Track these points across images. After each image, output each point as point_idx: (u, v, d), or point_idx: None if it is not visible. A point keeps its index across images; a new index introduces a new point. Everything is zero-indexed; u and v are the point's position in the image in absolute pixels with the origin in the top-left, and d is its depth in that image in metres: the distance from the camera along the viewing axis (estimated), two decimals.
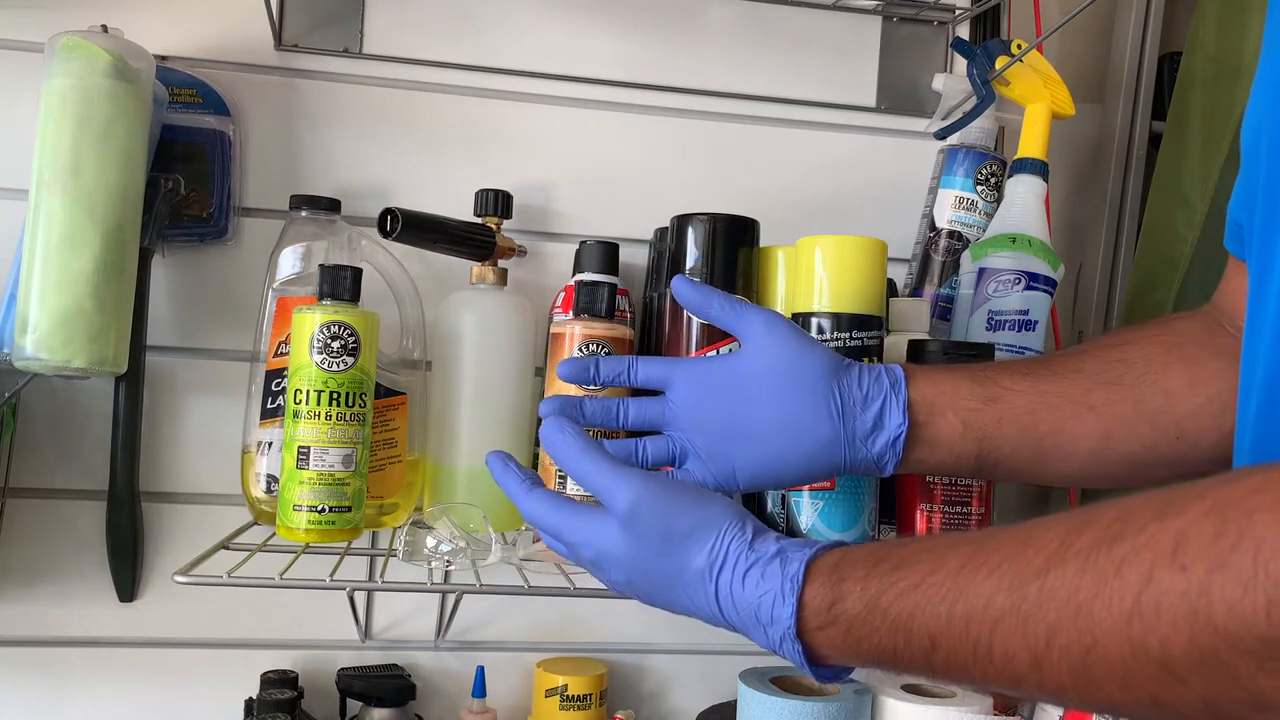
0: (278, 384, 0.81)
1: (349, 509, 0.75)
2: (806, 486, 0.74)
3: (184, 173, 0.88)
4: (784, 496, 0.76)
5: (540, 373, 0.91)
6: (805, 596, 0.49)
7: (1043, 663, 0.41)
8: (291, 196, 0.88)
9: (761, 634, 0.51)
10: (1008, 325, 0.88)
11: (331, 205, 0.88)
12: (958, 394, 0.65)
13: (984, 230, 0.94)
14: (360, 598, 0.95)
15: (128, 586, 0.91)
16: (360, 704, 0.91)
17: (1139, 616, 0.37)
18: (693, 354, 0.80)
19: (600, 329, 0.79)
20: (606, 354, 0.78)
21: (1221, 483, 0.38)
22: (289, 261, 0.84)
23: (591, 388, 0.73)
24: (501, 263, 0.90)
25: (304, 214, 0.87)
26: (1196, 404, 0.65)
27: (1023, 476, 0.69)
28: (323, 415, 0.74)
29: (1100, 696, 0.40)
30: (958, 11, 1.05)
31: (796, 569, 0.50)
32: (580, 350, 0.78)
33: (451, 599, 0.93)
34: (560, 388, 0.77)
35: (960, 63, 1.00)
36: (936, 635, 0.45)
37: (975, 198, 0.94)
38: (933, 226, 0.96)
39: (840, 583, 0.49)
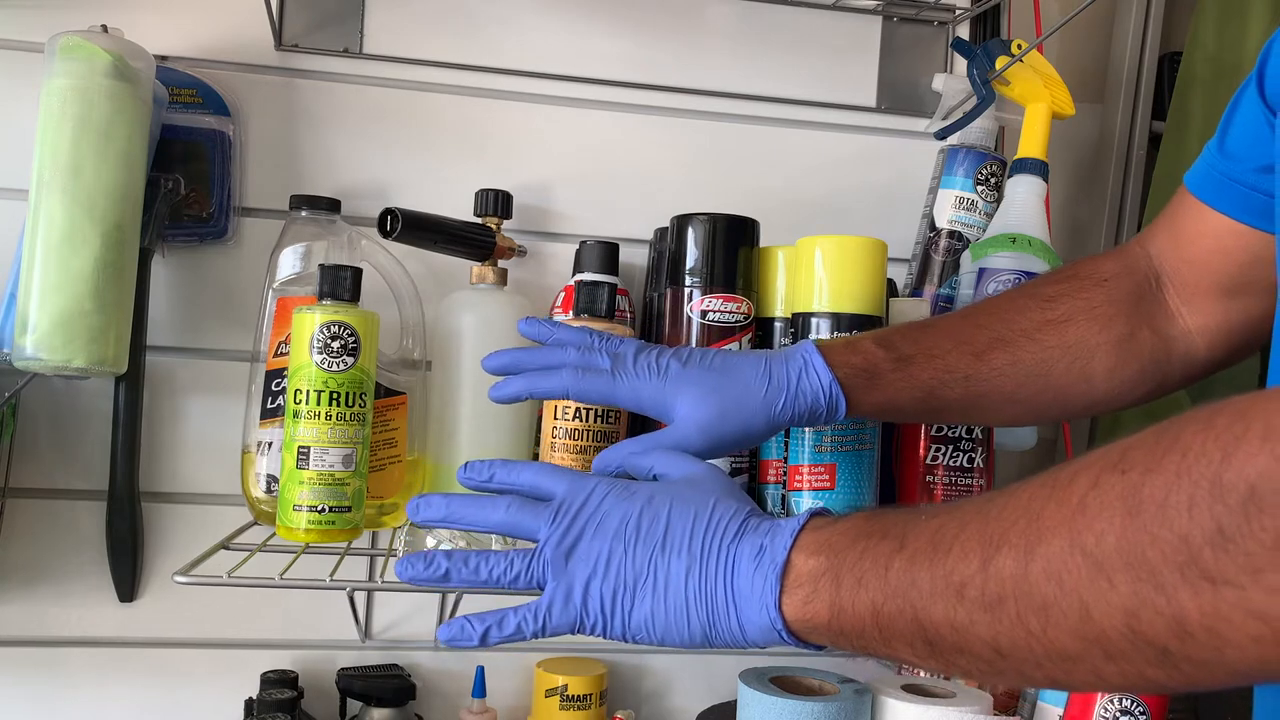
0: (278, 384, 0.81)
1: (349, 509, 0.75)
2: (807, 486, 0.74)
3: (184, 173, 0.88)
4: (784, 496, 0.76)
5: None
6: (821, 512, 0.53)
7: (989, 564, 0.42)
8: (291, 196, 0.88)
9: (759, 536, 0.52)
10: None
11: (331, 205, 0.88)
12: (898, 409, 0.68)
13: (984, 230, 0.94)
14: (360, 598, 0.95)
15: (128, 586, 0.91)
16: (360, 704, 0.91)
17: (1081, 513, 0.40)
18: None
19: (600, 329, 0.79)
20: None
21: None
22: (289, 261, 0.84)
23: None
24: (501, 263, 0.90)
25: (304, 214, 0.87)
26: (1110, 389, 0.69)
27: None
28: (323, 415, 0.74)
29: (1036, 601, 0.40)
30: (958, 11, 1.05)
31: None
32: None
33: (451, 599, 0.93)
34: None
35: (960, 63, 1.00)
36: (908, 535, 0.47)
37: (975, 198, 0.94)
38: (933, 226, 0.96)
39: (854, 512, 0.52)
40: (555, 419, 0.80)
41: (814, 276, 0.76)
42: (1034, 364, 0.68)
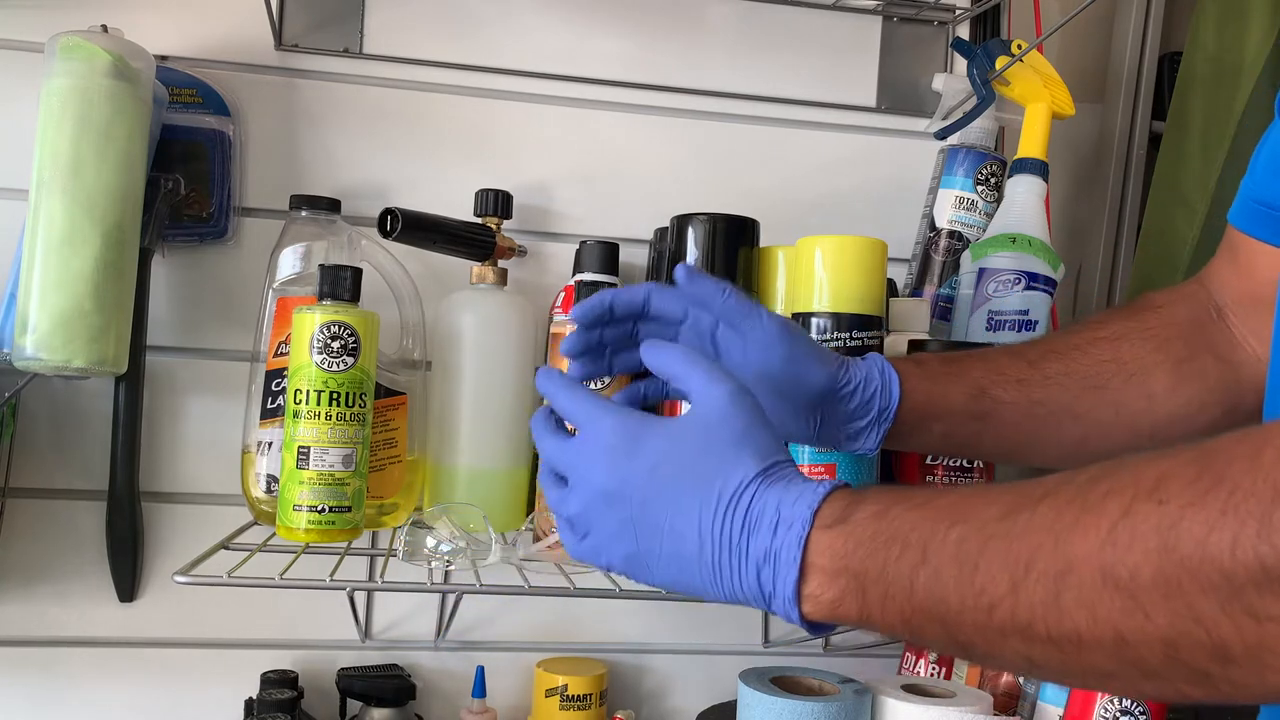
0: (278, 384, 0.81)
1: (349, 509, 0.75)
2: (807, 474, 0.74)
3: (184, 173, 0.88)
4: None
5: None
6: (826, 499, 0.50)
7: (1019, 587, 0.41)
8: (291, 196, 0.88)
9: (768, 532, 0.49)
10: (1008, 325, 0.88)
11: (331, 205, 0.88)
12: (950, 409, 0.67)
13: (984, 230, 0.94)
14: (360, 598, 0.95)
15: (128, 586, 0.91)
16: (360, 704, 0.91)
17: (1113, 544, 0.38)
18: None
19: None
20: None
21: (1213, 438, 0.39)
22: (289, 261, 0.84)
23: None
24: (501, 263, 0.90)
25: (304, 214, 0.87)
26: (1175, 407, 0.67)
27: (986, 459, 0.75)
28: (323, 415, 0.74)
29: (1068, 628, 0.40)
30: (958, 11, 1.05)
31: (830, 483, 0.51)
32: None
33: (451, 599, 0.93)
34: None
35: (960, 63, 1.00)
36: (929, 548, 0.45)
37: (975, 198, 0.94)
38: (933, 226, 0.96)
39: (860, 498, 0.50)
40: None
41: (814, 276, 0.76)
42: (1089, 375, 0.67)
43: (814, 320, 0.76)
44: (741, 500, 0.51)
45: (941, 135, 0.97)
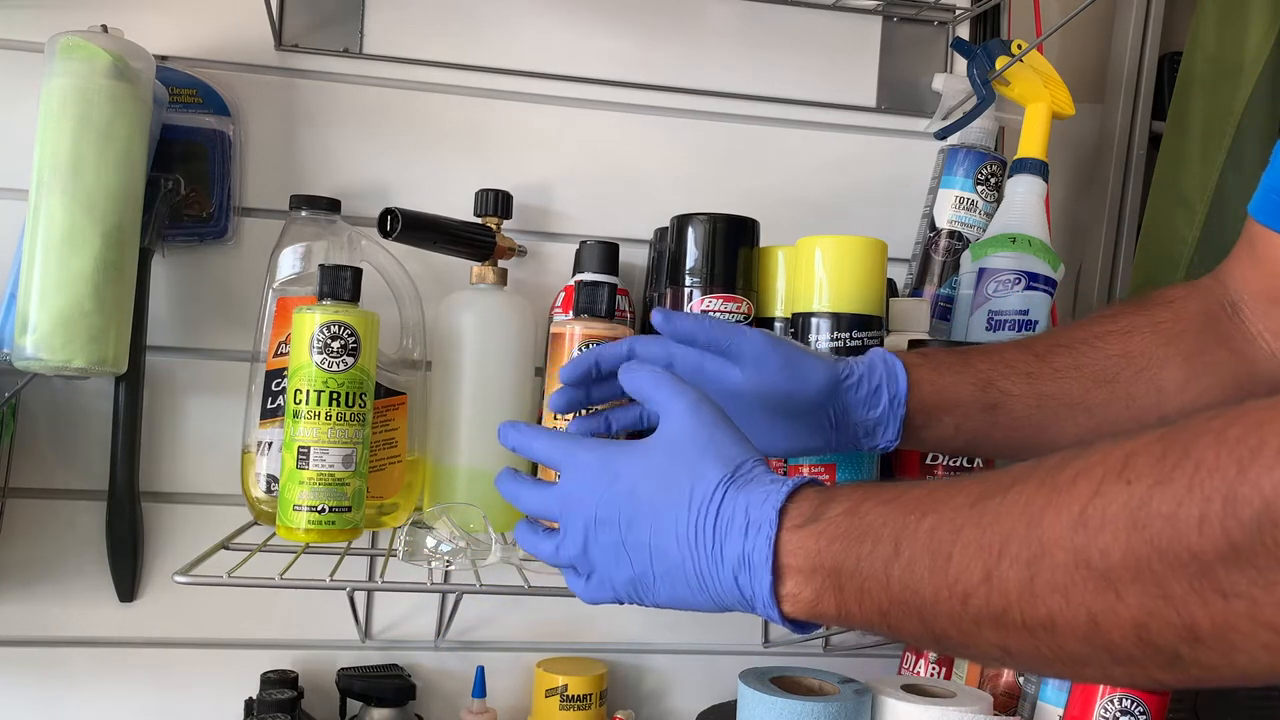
0: (278, 384, 0.81)
1: (349, 509, 0.75)
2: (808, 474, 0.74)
3: (184, 173, 0.88)
4: None
5: (540, 373, 0.92)
6: (795, 495, 0.50)
7: (992, 575, 0.41)
8: (291, 196, 0.88)
9: (739, 537, 0.50)
10: (1008, 325, 0.88)
11: (331, 205, 0.88)
12: (958, 399, 0.67)
13: (984, 230, 0.94)
14: (360, 598, 0.95)
15: (128, 586, 0.91)
16: (360, 704, 0.91)
17: (1084, 526, 0.39)
18: None
19: (600, 329, 0.79)
20: None
21: (1183, 417, 0.39)
22: (289, 261, 0.84)
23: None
24: (501, 263, 0.90)
25: (304, 214, 0.87)
26: (1185, 402, 0.67)
27: (1000, 458, 0.74)
28: (323, 415, 0.74)
29: (1042, 613, 0.40)
30: (958, 11, 1.05)
31: (794, 480, 0.51)
32: (580, 350, 0.78)
33: (451, 599, 0.93)
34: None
35: (960, 63, 1.00)
36: (901, 540, 0.45)
37: (975, 198, 0.94)
38: (933, 226, 0.96)
39: (831, 496, 0.50)
40: (556, 418, 0.80)
41: (814, 276, 0.76)
42: (1098, 370, 0.67)
43: (814, 320, 0.76)
44: (711, 506, 0.52)
45: (941, 135, 0.97)
